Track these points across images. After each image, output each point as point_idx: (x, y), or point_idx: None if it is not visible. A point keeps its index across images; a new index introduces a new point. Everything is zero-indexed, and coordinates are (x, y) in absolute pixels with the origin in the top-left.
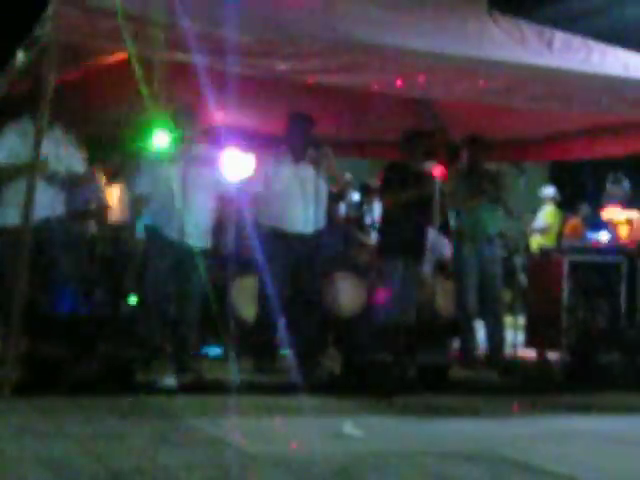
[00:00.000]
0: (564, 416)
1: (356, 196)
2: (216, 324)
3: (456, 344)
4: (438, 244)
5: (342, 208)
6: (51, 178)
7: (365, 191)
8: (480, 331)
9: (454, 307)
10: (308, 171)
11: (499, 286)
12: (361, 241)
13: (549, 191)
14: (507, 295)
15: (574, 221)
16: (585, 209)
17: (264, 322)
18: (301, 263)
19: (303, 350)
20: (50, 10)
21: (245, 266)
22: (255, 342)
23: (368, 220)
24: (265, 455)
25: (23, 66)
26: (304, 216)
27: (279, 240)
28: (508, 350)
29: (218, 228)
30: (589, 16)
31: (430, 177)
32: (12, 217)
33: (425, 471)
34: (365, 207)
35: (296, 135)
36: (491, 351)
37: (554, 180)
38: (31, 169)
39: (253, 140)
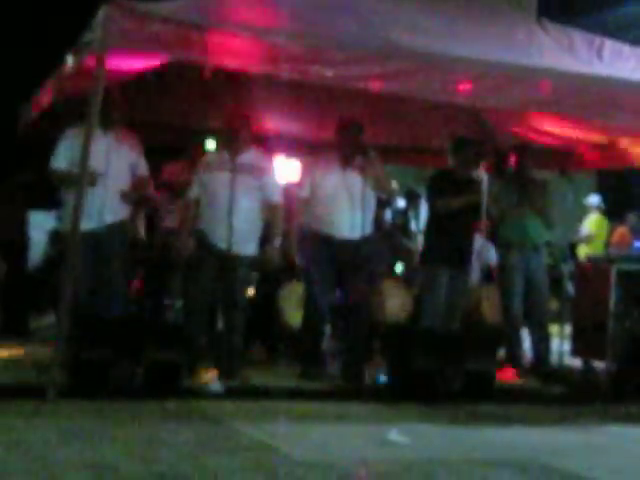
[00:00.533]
0: (611, 426)
1: (401, 202)
2: (263, 329)
3: (502, 352)
4: (485, 251)
5: (388, 214)
6: (124, 197)
7: (410, 197)
8: (526, 340)
9: (501, 315)
10: (356, 177)
11: (545, 295)
12: (407, 248)
13: (594, 200)
14: (554, 304)
15: (621, 230)
16: (633, 218)
17: (310, 328)
18: (347, 269)
19: (349, 357)
20: (100, 15)
21: (292, 272)
22: (301, 348)
23: (413, 226)
24: (310, 461)
25: (72, 71)
26: (351, 222)
27: (325, 245)
28: (554, 359)
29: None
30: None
31: (478, 184)
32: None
33: (471, 479)
34: (410, 213)
35: (345, 141)
36: (537, 360)
37: (602, 189)
38: (84, 179)
39: (300, 146)
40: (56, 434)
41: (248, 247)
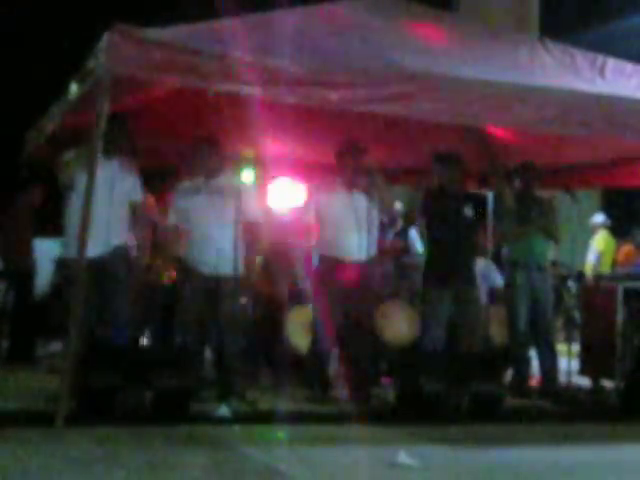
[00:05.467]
0: (620, 444)
1: (401, 224)
2: (269, 353)
3: (510, 373)
4: (490, 272)
5: (389, 235)
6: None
7: (407, 218)
8: (534, 360)
9: (508, 335)
10: (360, 199)
11: (551, 315)
12: (411, 269)
13: (599, 218)
14: (558, 321)
15: (627, 247)
16: (638, 235)
17: (318, 351)
18: (354, 290)
19: (356, 379)
20: (103, 42)
21: (299, 295)
22: (309, 371)
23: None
24: None
25: (76, 98)
26: (358, 243)
27: (333, 268)
28: (562, 378)
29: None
30: None
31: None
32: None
33: None
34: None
35: (348, 164)
36: (544, 380)
37: (607, 206)
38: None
39: (306, 169)
40: (64, 461)
41: (231, 267)
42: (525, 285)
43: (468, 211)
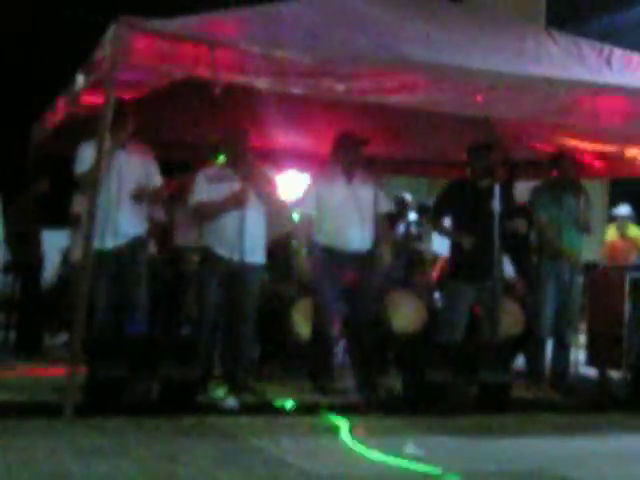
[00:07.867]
0: (626, 436)
1: (413, 215)
2: (275, 343)
3: (520, 362)
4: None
5: (400, 227)
6: (138, 196)
7: (422, 211)
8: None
9: (518, 327)
10: (362, 190)
11: (574, 309)
12: (423, 259)
13: (623, 210)
14: None
15: None
16: None
17: (322, 342)
18: (358, 281)
19: (362, 369)
20: (110, 33)
21: (303, 285)
22: (313, 362)
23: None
24: (326, 475)
25: (83, 89)
26: (360, 234)
27: (336, 259)
28: (570, 369)
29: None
30: None
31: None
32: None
33: None
34: (424, 226)
35: (347, 154)
36: (556, 372)
37: (614, 197)
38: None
39: (310, 161)
40: (72, 452)
41: (256, 255)
42: (553, 276)
43: (493, 204)
